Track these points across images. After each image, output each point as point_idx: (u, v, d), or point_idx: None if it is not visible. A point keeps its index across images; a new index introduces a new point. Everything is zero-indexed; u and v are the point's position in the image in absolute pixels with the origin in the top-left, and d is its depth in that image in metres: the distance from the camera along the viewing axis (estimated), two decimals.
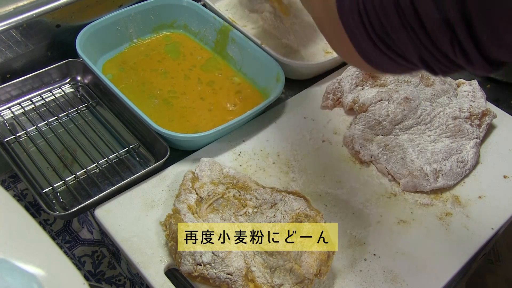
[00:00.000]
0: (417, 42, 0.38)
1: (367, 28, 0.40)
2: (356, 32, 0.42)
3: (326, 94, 0.80)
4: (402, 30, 0.38)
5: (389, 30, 0.39)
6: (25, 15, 0.75)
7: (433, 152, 0.70)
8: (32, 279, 0.43)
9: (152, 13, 0.88)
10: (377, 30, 0.40)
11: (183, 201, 0.60)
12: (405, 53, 0.41)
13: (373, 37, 0.41)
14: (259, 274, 0.54)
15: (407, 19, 0.37)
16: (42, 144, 0.71)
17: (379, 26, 0.40)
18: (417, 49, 0.39)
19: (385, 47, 0.41)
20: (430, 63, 0.40)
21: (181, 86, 0.81)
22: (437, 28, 0.36)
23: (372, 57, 0.43)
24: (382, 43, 0.41)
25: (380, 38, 0.41)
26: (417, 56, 0.40)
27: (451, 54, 0.38)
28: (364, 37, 0.41)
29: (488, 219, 0.67)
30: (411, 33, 0.38)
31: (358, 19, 0.41)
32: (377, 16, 0.39)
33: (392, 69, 0.45)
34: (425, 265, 0.61)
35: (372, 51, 0.42)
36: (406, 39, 0.39)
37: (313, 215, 0.58)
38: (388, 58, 0.42)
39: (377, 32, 0.40)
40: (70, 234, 0.82)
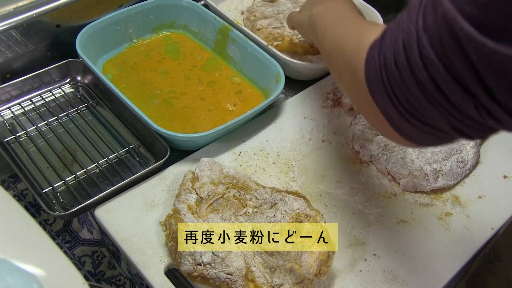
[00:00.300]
0: (445, 112, 0.39)
1: (397, 106, 0.42)
2: (389, 110, 0.44)
3: (326, 94, 0.80)
4: (427, 103, 0.40)
5: (416, 106, 0.41)
6: (25, 15, 0.75)
7: (433, 152, 0.70)
8: (32, 279, 0.43)
9: (152, 13, 0.88)
10: (406, 106, 0.42)
11: (183, 201, 0.60)
12: (437, 124, 0.42)
13: (404, 113, 0.42)
14: (259, 274, 0.54)
15: (430, 93, 0.39)
16: (42, 144, 0.71)
17: (407, 103, 0.41)
18: (446, 119, 0.40)
19: (418, 121, 0.42)
20: (463, 129, 0.41)
21: (181, 86, 0.81)
22: (460, 97, 0.37)
23: (409, 132, 0.44)
24: (413, 118, 0.42)
25: (410, 113, 0.42)
26: (449, 126, 0.41)
27: (479, 118, 0.38)
28: (396, 114, 0.43)
29: (488, 219, 0.67)
30: (436, 105, 0.39)
31: (388, 99, 0.43)
32: (402, 94, 0.41)
33: (430, 141, 0.46)
34: (425, 265, 0.61)
35: (406, 127, 0.44)
36: (434, 112, 0.40)
37: (313, 215, 0.58)
38: (423, 132, 0.43)
39: (406, 108, 0.42)
40: (70, 234, 0.82)
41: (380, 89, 0.43)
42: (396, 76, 0.41)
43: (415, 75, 0.39)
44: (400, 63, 0.40)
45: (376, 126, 0.50)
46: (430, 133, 0.43)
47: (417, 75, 0.39)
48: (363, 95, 0.46)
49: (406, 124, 0.43)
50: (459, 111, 0.39)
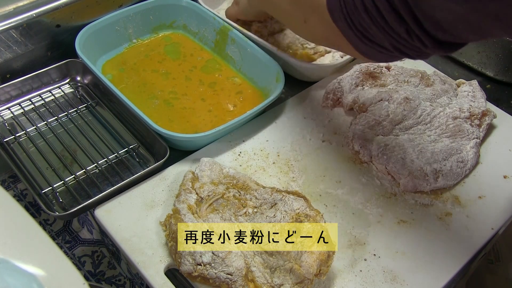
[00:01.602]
0: (386, 34, 0.50)
1: (352, 28, 0.53)
2: (348, 34, 0.54)
3: (326, 94, 0.80)
4: (373, 26, 0.50)
5: (366, 27, 0.51)
6: (25, 15, 0.75)
7: (433, 152, 0.70)
8: (32, 279, 0.43)
9: (152, 13, 0.88)
10: (359, 28, 0.52)
11: (183, 201, 0.60)
12: (382, 43, 0.52)
13: (358, 34, 0.53)
14: (259, 274, 0.54)
15: (374, 17, 0.49)
16: (41, 144, 0.71)
17: (359, 25, 0.52)
18: (388, 39, 0.51)
19: (368, 41, 0.53)
20: (402, 49, 0.51)
21: (182, 87, 0.81)
22: (395, 23, 0.48)
23: (364, 49, 0.55)
24: (365, 38, 0.53)
25: (362, 34, 0.53)
26: (390, 45, 0.51)
27: (410, 40, 0.49)
28: (352, 35, 0.54)
29: (488, 219, 0.67)
30: (379, 27, 0.50)
31: (346, 23, 0.53)
32: (355, 18, 0.51)
33: (381, 57, 0.56)
34: (425, 265, 0.61)
35: (361, 45, 0.54)
36: (378, 33, 0.51)
37: (313, 215, 0.58)
38: (374, 49, 0.54)
39: (359, 29, 0.52)
40: (70, 234, 0.82)
41: (339, 15, 0.53)
42: (350, 4, 0.51)
43: (363, 2, 0.49)
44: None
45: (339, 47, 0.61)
46: (379, 50, 0.53)
47: (364, 2, 0.49)
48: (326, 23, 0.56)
49: (360, 43, 0.54)
50: (396, 33, 0.49)
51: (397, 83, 0.79)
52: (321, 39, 0.64)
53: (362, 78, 0.79)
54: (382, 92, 0.75)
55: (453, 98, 0.79)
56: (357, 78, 0.79)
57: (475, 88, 0.79)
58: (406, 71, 0.81)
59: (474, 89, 0.79)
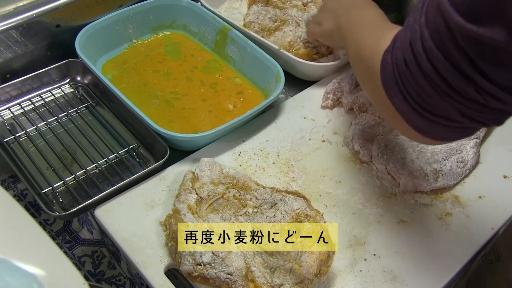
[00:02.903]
0: (451, 100, 0.42)
1: (410, 101, 0.45)
2: (403, 108, 0.46)
3: (326, 94, 0.80)
4: (434, 93, 0.43)
5: (425, 97, 0.44)
6: (25, 15, 0.75)
7: (433, 152, 0.70)
8: (32, 279, 0.43)
9: (152, 13, 0.88)
10: (417, 100, 0.45)
11: (183, 201, 0.60)
12: (448, 114, 0.44)
13: (416, 107, 0.45)
14: (259, 274, 0.54)
15: (435, 82, 0.42)
16: (41, 144, 0.71)
17: (417, 96, 0.44)
18: (454, 107, 0.43)
19: (429, 114, 0.45)
20: (473, 116, 0.43)
21: (183, 88, 0.81)
22: (460, 83, 0.40)
23: (424, 127, 0.47)
24: (425, 111, 0.45)
25: (422, 107, 0.45)
26: (459, 113, 0.43)
27: (482, 101, 0.41)
28: (409, 110, 0.46)
29: (488, 219, 0.67)
30: (442, 94, 0.42)
31: (401, 96, 0.46)
32: (413, 88, 0.44)
33: (447, 135, 0.48)
34: (425, 265, 0.61)
35: (420, 122, 0.46)
36: (441, 101, 0.43)
37: (313, 215, 0.58)
38: (437, 124, 0.46)
39: (417, 101, 0.45)
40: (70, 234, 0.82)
41: (394, 88, 0.46)
42: (406, 73, 0.44)
43: (420, 67, 0.42)
44: (408, 59, 0.43)
45: (396, 126, 0.52)
46: (444, 124, 0.45)
47: (422, 67, 0.42)
48: (381, 98, 0.49)
49: (419, 119, 0.46)
50: (463, 97, 0.41)
51: None
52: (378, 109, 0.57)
53: None
54: None
55: None
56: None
57: None
58: None
59: None
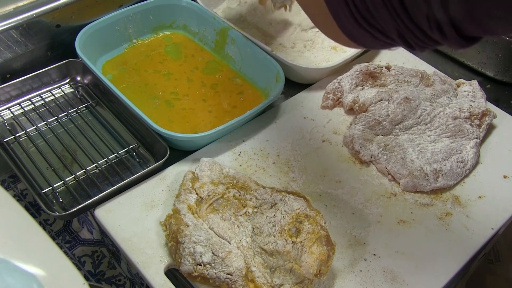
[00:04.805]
0: (397, 18, 0.42)
1: (351, 8, 0.44)
2: (340, 12, 0.45)
3: (326, 94, 0.80)
4: (383, 7, 0.42)
5: (371, 8, 0.43)
6: (25, 15, 0.75)
7: (433, 152, 0.70)
8: (32, 279, 0.43)
9: (152, 13, 0.88)
10: (360, 9, 0.43)
11: (183, 201, 0.60)
12: (386, 29, 0.44)
13: (356, 16, 0.44)
14: (259, 274, 0.54)
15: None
16: (41, 144, 0.71)
17: (362, 5, 0.43)
18: (396, 25, 0.42)
19: (368, 25, 0.44)
20: (408, 38, 0.43)
21: (184, 88, 0.81)
22: (414, 4, 0.40)
23: (355, 34, 0.47)
24: (364, 21, 0.44)
25: (363, 16, 0.44)
26: (396, 32, 0.43)
27: (427, 29, 0.41)
28: (347, 16, 0.45)
29: (488, 219, 0.67)
30: (390, 10, 0.41)
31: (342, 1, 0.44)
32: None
33: (373, 45, 0.48)
34: (425, 265, 0.61)
35: (354, 29, 0.46)
36: (386, 16, 0.42)
37: (313, 215, 0.58)
38: (370, 35, 0.45)
39: (360, 11, 0.44)
40: (70, 234, 0.82)
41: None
42: None
43: None
44: None
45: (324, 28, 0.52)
46: (375, 36, 0.45)
47: None
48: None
49: (355, 26, 0.45)
50: (411, 19, 0.41)
51: (397, 83, 0.79)
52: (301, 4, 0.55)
53: (362, 78, 0.79)
54: (382, 92, 0.75)
55: (453, 98, 0.79)
56: (357, 78, 0.79)
57: (475, 88, 0.79)
58: (406, 71, 0.81)
59: (474, 89, 0.79)
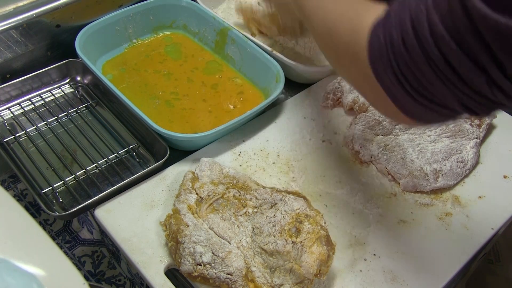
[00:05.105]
0: (455, 89, 0.40)
1: (404, 85, 0.42)
2: (394, 90, 0.43)
3: (326, 94, 0.80)
4: (438, 81, 0.40)
5: (425, 84, 0.41)
6: (25, 15, 0.75)
7: (433, 152, 0.70)
8: (32, 279, 0.43)
9: (152, 13, 0.88)
10: (414, 85, 0.42)
11: (183, 201, 0.60)
12: (446, 102, 0.42)
13: (411, 92, 0.42)
14: (259, 274, 0.54)
15: (441, 70, 0.39)
16: (41, 144, 0.71)
17: (415, 82, 0.41)
18: (456, 96, 0.40)
19: (425, 99, 0.42)
20: (471, 107, 0.41)
21: (184, 88, 0.81)
22: (471, 74, 0.38)
23: (414, 111, 0.44)
24: (421, 96, 0.42)
25: (418, 92, 0.42)
26: (458, 103, 0.41)
27: (490, 95, 0.39)
28: (402, 93, 0.43)
29: (488, 219, 0.67)
30: (447, 83, 0.39)
31: (394, 78, 0.42)
32: (411, 72, 0.41)
33: (434, 119, 0.46)
34: (425, 265, 0.61)
35: (412, 106, 0.44)
36: (443, 89, 0.40)
37: (313, 215, 0.58)
38: (429, 109, 0.43)
39: (414, 87, 0.42)
40: (70, 234, 0.82)
41: (386, 69, 0.43)
42: (404, 55, 0.41)
43: (425, 53, 0.39)
44: (408, 42, 0.40)
45: (377, 105, 0.50)
46: (435, 110, 0.43)
47: (427, 53, 0.39)
48: (364, 76, 0.45)
49: (412, 103, 0.43)
50: (470, 88, 0.39)
51: None
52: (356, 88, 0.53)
53: None
54: None
55: None
56: None
57: None
58: None
59: None
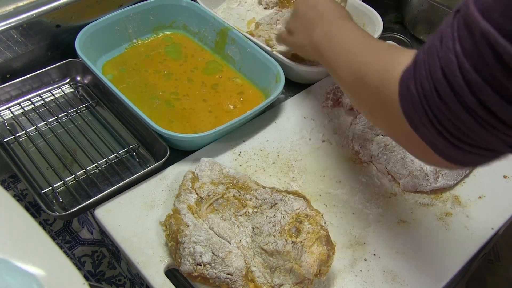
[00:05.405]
0: (499, 133, 0.39)
1: (444, 134, 0.42)
2: (434, 140, 0.43)
3: (326, 94, 0.80)
4: (479, 128, 0.39)
5: (466, 131, 0.40)
6: (25, 15, 0.75)
7: None
8: (32, 279, 0.43)
9: (152, 13, 0.88)
10: (455, 134, 0.41)
11: (183, 201, 0.60)
12: (489, 145, 0.41)
13: (452, 140, 0.42)
14: (259, 274, 0.54)
15: (480, 117, 0.39)
16: (41, 144, 0.71)
17: (455, 130, 0.41)
18: (501, 139, 0.40)
19: (468, 146, 0.42)
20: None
21: (184, 88, 0.81)
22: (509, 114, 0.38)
23: (458, 157, 0.44)
24: (463, 143, 0.42)
25: (460, 140, 0.42)
26: (504, 145, 0.41)
27: None
28: (443, 143, 0.43)
29: (488, 219, 0.67)
30: (489, 128, 0.39)
31: (433, 129, 0.42)
32: (450, 122, 0.41)
33: (478, 161, 0.45)
34: (425, 265, 0.61)
35: (455, 153, 0.43)
36: (487, 135, 0.40)
37: (313, 215, 0.58)
38: (474, 154, 0.43)
39: (455, 135, 0.41)
40: (70, 234, 0.82)
41: (422, 121, 0.42)
42: (440, 106, 0.40)
43: (461, 101, 0.39)
44: (443, 91, 0.40)
45: (417, 154, 0.49)
46: (480, 154, 0.43)
47: (464, 101, 0.38)
48: (399, 127, 0.46)
49: (454, 150, 0.43)
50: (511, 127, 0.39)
51: None
52: (392, 137, 0.54)
53: None
54: None
55: None
56: None
57: None
58: None
59: None
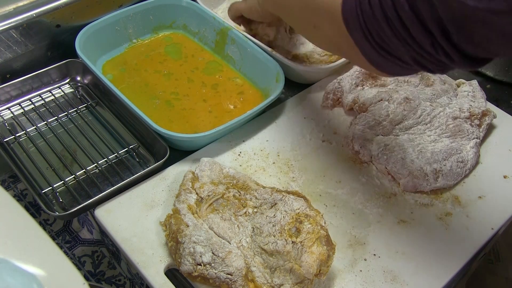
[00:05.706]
0: (408, 47, 0.47)
1: (369, 39, 0.50)
2: (364, 45, 0.51)
3: (326, 94, 0.80)
4: (394, 38, 0.47)
5: (385, 39, 0.48)
6: (25, 15, 0.75)
7: (433, 152, 0.70)
8: (32, 279, 0.43)
9: (152, 13, 0.88)
10: (377, 40, 0.49)
11: (183, 201, 0.60)
12: (401, 56, 0.49)
13: (375, 46, 0.50)
14: (259, 274, 0.54)
15: (396, 28, 0.46)
16: (41, 144, 0.71)
17: (378, 37, 0.49)
18: (409, 52, 0.48)
19: (386, 53, 0.50)
20: (423, 63, 0.48)
21: (184, 88, 0.81)
22: (420, 35, 0.45)
23: (379, 62, 0.52)
24: (383, 50, 0.50)
25: (380, 46, 0.50)
26: (411, 59, 0.48)
27: (435, 55, 0.46)
28: (368, 47, 0.51)
29: (488, 219, 0.67)
30: (401, 40, 0.47)
31: (362, 33, 0.50)
32: (374, 29, 0.48)
33: (397, 71, 0.53)
34: (425, 265, 0.61)
35: (377, 58, 0.51)
36: (399, 45, 0.47)
37: (313, 215, 0.58)
38: (391, 62, 0.51)
39: (377, 41, 0.49)
40: (70, 234, 0.82)
41: (355, 25, 0.50)
42: (369, 13, 0.48)
43: (385, 12, 0.46)
44: (373, 2, 0.47)
45: (353, 59, 0.57)
46: (397, 64, 0.50)
47: (386, 12, 0.46)
48: (339, 32, 0.53)
49: (377, 55, 0.51)
50: (420, 47, 0.46)
51: (397, 83, 0.79)
52: (333, 48, 0.62)
53: (362, 78, 0.79)
54: (382, 92, 0.75)
55: (453, 98, 0.79)
56: (357, 78, 0.79)
57: (475, 88, 0.79)
58: None
59: (474, 89, 0.79)
